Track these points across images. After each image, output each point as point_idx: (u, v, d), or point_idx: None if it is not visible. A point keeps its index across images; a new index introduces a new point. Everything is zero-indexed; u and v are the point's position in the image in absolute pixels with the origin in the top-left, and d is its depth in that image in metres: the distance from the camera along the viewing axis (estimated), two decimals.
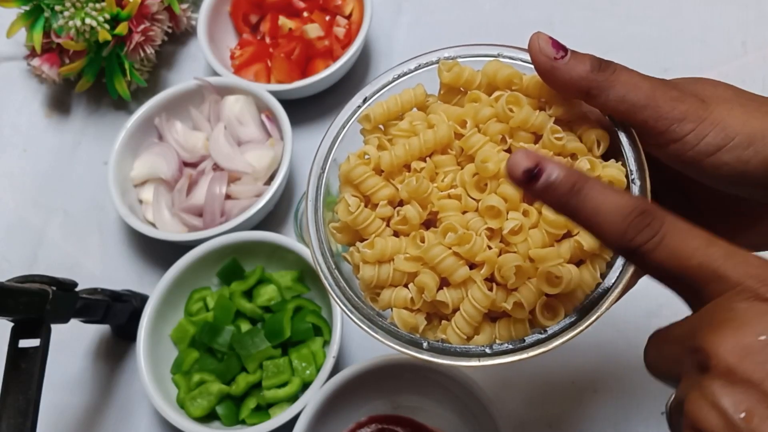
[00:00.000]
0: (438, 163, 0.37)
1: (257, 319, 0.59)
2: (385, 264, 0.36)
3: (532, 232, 0.35)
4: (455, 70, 0.38)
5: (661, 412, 0.53)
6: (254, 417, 0.56)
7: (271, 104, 0.67)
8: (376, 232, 0.37)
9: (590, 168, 0.36)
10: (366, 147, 0.38)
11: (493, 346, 0.35)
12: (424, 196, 0.36)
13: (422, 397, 0.54)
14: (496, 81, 0.38)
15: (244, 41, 0.74)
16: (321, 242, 0.38)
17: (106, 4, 0.68)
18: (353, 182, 0.38)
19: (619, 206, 0.30)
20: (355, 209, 0.36)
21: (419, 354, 0.35)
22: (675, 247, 0.29)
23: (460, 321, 0.35)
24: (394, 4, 0.77)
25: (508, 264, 0.34)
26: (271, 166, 0.65)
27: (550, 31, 0.76)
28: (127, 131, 0.68)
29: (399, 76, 0.41)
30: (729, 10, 0.69)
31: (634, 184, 0.36)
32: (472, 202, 0.36)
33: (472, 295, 0.35)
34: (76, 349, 0.64)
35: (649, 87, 0.35)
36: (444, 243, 0.35)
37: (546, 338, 0.35)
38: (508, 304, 0.35)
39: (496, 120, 0.37)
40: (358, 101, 0.41)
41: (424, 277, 0.35)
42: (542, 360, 0.56)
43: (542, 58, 0.35)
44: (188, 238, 0.62)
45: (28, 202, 0.73)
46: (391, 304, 0.36)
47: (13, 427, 0.47)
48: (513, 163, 0.30)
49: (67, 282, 0.52)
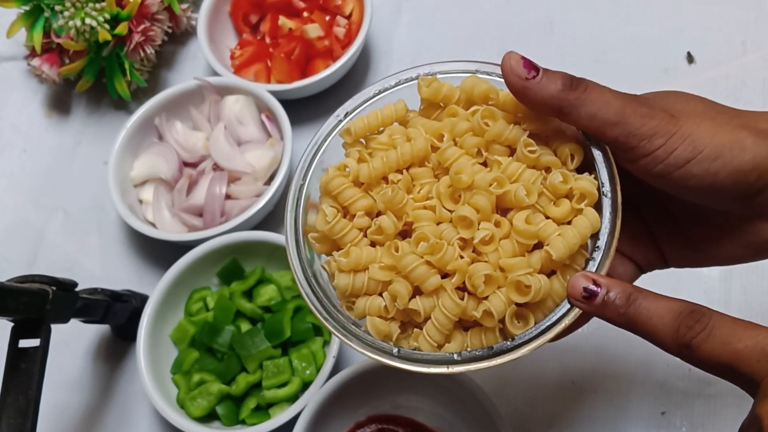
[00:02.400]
0: (415, 176, 0.38)
1: (257, 319, 0.59)
2: (360, 273, 0.37)
3: (503, 243, 0.36)
4: (434, 86, 0.40)
5: (660, 412, 0.54)
6: (254, 417, 0.56)
7: (271, 104, 0.67)
8: (352, 241, 0.38)
9: (563, 180, 0.36)
10: (346, 159, 0.39)
11: (462, 354, 0.36)
12: (399, 207, 0.37)
13: (422, 397, 0.54)
14: (474, 96, 0.39)
15: (244, 41, 0.74)
16: (299, 251, 0.39)
17: (106, 4, 0.68)
18: (331, 193, 0.39)
19: (671, 309, 0.33)
20: (331, 219, 0.37)
21: (390, 361, 0.36)
22: (722, 336, 0.32)
23: (431, 329, 0.36)
24: (394, 4, 0.77)
25: (478, 273, 0.35)
26: (271, 166, 0.65)
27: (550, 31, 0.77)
28: (127, 131, 0.68)
29: (380, 92, 0.42)
30: (729, 10, 0.69)
31: (606, 196, 0.37)
32: (447, 213, 0.37)
33: (443, 304, 0.35)
34: (76, 349, 0.64)
35: (620, 104, 0.35)
36: (416, 252, 0.35)
37: (514, 347, 0.35)
38: (477, 313, 0.35)
39: (472, 134, 0.38)
40: (340, 116, 0.42)
41: (397, 285, 0.36)
42: (542, 360, 0.56)
43: (514, 78, 0.36)
44: (188, 238, 0.62)
45: (28, 202, 0.73)
46: (366, 313, 0.37)
47: (13, 427, 0.47)
48: (572, 285, 0.34)
49: (67, 282, 0.52)
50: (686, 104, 0.37)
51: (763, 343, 0.31)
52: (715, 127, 0.35)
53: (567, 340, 0.57)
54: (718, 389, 0.54)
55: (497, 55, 0.73)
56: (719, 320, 0.32)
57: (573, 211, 0.37)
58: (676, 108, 0.36)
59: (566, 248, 0.35)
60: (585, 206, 0.37)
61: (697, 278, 0.57)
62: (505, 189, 0.36)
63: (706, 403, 0.53)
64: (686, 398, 0.53)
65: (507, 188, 0.36)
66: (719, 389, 0.54)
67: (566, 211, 0.37)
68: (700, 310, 0.33)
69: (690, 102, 0.38)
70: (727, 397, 0.53)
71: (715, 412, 0.53)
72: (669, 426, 0.53)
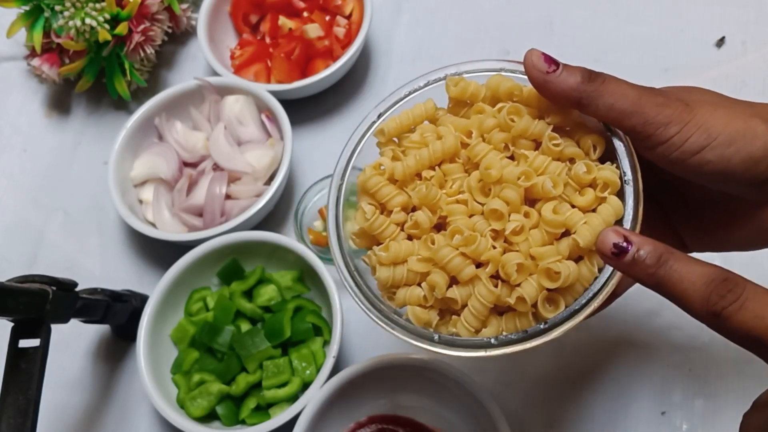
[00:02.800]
0: (446, 171, 0.40)
1: (257, 319, 0.59)
2: (400, 265, 0.39)
3: (533, 232, 0.38)
4: (461, 85, 0.41)
5: (661, 412, 0.54)
6: (254, 417, 0.56)
7: (271, 104, 0.67)
8: (390, 236, 0.40)
9: (587, 171, 0.38)
10: (381, 159, 0.41)
11: (498, 338, 0.38)
12: (433, 202, 0.39)
13: (422, 397, 0.54)
14: (499, 93, 0.41)
15: (244, 41, 0.74)
16: (341, 247, 0.42)
17: (106, 4, 0.68)
18: (369, 191, 0.41)
19: (703, 275, 0.32)
20: (370, 216, 0.40)
21: (432, 347, 0.38)
22: (755, 309, 0.31)
23: (468, 315, 0.38)
24: (394, 4, 0.77)
25: (511, 262, 0.37)
26: (271, 166, 0.65)
27: (550, 31, 0.77)
28: (127, 131, 0.68)
29: (410, 93, 0.44)
30: (729, 10, 0.69)
31: (628, 184, 0.38)
32: (478, 206, 0.39)
33: (479, 292, 0.38)
34: (76, 349, 0.64)
35: (636, 95, 0.37)
36: (452, 244, 0.38)
37: (547, 329, 0.38)
38: (511, 299, 0.37)
39: (499, 130, 0.40)
40: (373, 117, 0.44)
41: (435, 276, 0.38)
42: (542, 361, 0.56)
43: (536, 73, 0.38)
44: (188, 238, 0.62)
45: (28, 202, 0.73)
46: (406, 302, 0.39)
47: (13, 427, 0.47)
48: (602, 240, 0.34)
49: (67, 282, 0.52)
50: (701, 95, 0.39)
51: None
52: (729, 115, 0.37)
53: (567, 340, 0.57)
54: (719, 389, 0.54)
55: (498, 55, 0.74)
56: (753, 292, 0.32)
57: (597, 199, 0.39)
58: (691, 98, 0.38)
59: (592, 235, 0.37)
60: (608, 194, 0.38)
61: None
62: (533, 182, 0.38)
63: (706, 402, 0.53)
64: (686, 398, 0.54)
65: (534, 181, 0.38)
66: (719, 389, 0.54)
67: (591, 199, 0.38)
68: (733, 279, 0.32)
69: (705, 94, 0.39)
70: (728, 396, 0.53)
71: (716, 411, 0.53)
72: (669, 426, 0.53)
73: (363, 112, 0.72)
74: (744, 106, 0.38)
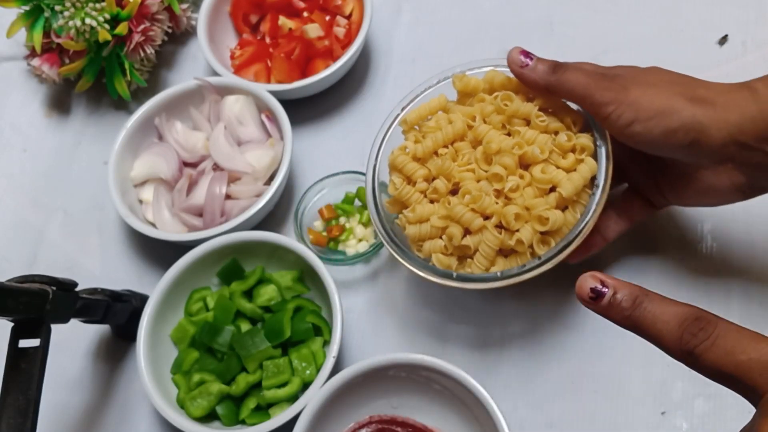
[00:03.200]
0: (457, 148, 0.53)
1: (257, 319, 0.59)
2: (425, 223, 0.51)
3: (527, 190, 0.50)
4: (464, 81, 0.54)
5: (660, 412, 0.54)
6: (254, 417, 0.56)
7: (271, 104, 0.67)
8: (416, 201, 0.52)
9: (567, 139, 0.50)
10: (406, 142, 0.54)
11: (503, 272, 0.49)
12: (448, 172, 0.51)
13: (422, 396, 0.54)
14: (494, 85, 0.54)
15: (244, 41, 0.74)
16: (379, 213, 0.54)
17: (106, 4, 0.68)
18: (397, 168, 0.53)
19: (676, 314, 0.34)
20: (399, 186, 0.52)
21: (452, 283, 0.50)
22: (726, 346, 0.32)
23: (479, 257, 0.50)
24: (394, 4, 0.77)
25: (510, 213, 0.48)
26: (271, 166, 0.65)
27: (550, 31, 0.78)
28: (127, 131, 0.68)
29: (426, 89, 0.57)
30: (729, 10, 0.69)
31: (600, 147, 0.50)
32: (483, 172, 0.51)
33: (487, 238, 0.49)
34: (76, 349, 0.64)
35: (587, 81, 0.48)
36: (464, 203, 0.50)
37: (541, 263, 0.49)
38: (512, 242, 0.49)
39: (496, 113, 0.52)
40: (398, 110, 0.57)
41: (452, 229, 0.50)
42: (542, 360, 0.56)
43: (514, 67, 0.50)
44: (188, 238, 0.62)
45: (28, 202, 0.73)
46: (431, 251, 0.51)
47: (13, 427, 0.47)
48: (580, 285, 0.36)
49: (67, 282, 0.52)
50: (647, 76, 0.48)
51: (766, 358, 0.31)
52: (655, 94, 0.46)
53: (567, 340, 0.57)
54: (719, 389, 0.53)
55: (497, 54, 0.74)
56: (724, 329, 0.33)
57: (577, 161, 0.50)
58: (637, 80, 0.47)
59: (573, 188, 0.49)
60: (585, 156, 0.50)
61: (695, 278, 0.57)
62: (524, 150, 0.50)
63: (706, 402, 0.53)
64: (686, 398, 0.54)
65: (525, 149, 0.50)
66: (719, 389, 0.53)
67: (571, 161, 0.50)
68: (705, 318, 0.33)
69: (651, 74, 0.48)
70: (728, 397, 0.53)
71: (716, 411, 0.53)
72: (669, 426, 0.53)
73: (363, 112, 0.72)
74: (674, 84, 0.47)
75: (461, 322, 0.60)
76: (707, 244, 0.58)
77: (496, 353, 0.58)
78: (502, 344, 0.58)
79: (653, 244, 0.59)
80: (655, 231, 0.59)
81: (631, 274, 0.58)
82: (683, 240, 0.59)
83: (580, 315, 0.58)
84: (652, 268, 0.58)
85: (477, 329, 0.59)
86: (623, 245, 0.58)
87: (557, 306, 0.59)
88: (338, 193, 0.65)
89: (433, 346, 0.59)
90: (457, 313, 0.60)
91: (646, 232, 0.59)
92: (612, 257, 0.59)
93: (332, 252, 0.63)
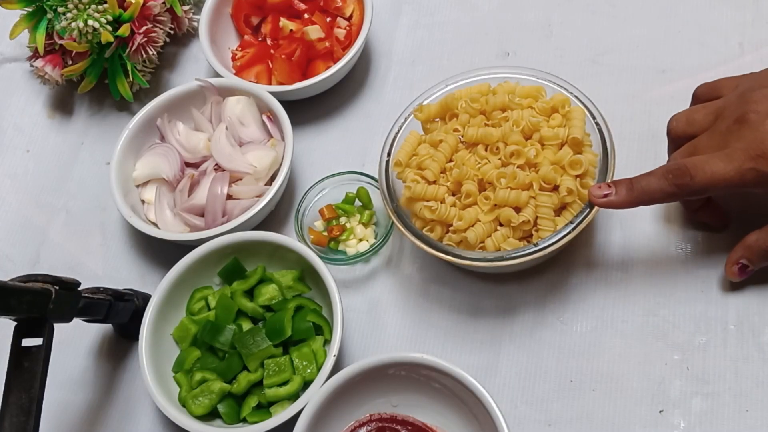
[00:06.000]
0: (459, 158, 0.56)
1: (258, 318, 0.60)
2: (476, 225, 0.55)
3: (545, 151, 0.55)
4: (425, 111, 0.60)
5: (658, 410, 0.54)
6: (255, 415, 0.56)
7: (272, 105, 0.67)
8: (456, 215, 0.55)
9: (545, 103, 0.57)
10: (407, 185, 0.57)
11: (510, 252, 0.53)
12: (471, 174, 0.55)
13: (422, 395, 0.54)
14: (449, 105, 0.59)
15: (245, 42, 0.75)
16: (390, 195, 0.58)
17: (109, 6, 0.69)
18: (419, 198, 0.56)
19: (657, 174, 0.51)
20: (435, 208, 0.55)
21: (522, 257, 0.53)
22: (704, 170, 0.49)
23: (543, 222, 0.54)
24: (394, 6, 0.78)
25: (548, 171, 0.53)
26: (272, 167, 0.66)
27: (549, 32, 0.77)
28: (130, 132, 0.68)
29: (402, 125, 0.61)
30: (726, 11, 0.69)
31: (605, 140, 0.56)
32: (497, 161, 0.56)
33: (541, 201, 0.54)
34: (78, 348, 0.64)
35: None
36: (502, 186, 0.54)
37: (538, 250, 0.53)
38: (564, 192, 0.54)
39: (471, 117, 0.58)
40: (385, 157, 0.60)
41: (505, 212, 0.54)
42: (541, 359, 0.57)
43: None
44: (190, 237, 0.62)
45: (31, 202, 0.73)
46: (494, 246, 0.55)
47: (16, 425, 0.48)
48: (592, 192, 0.52)
49: (69, 281, 0.53)
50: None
51: None
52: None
53: (566, 339, 0.57)
54: (716, 388, 0.54)
55: (495, 56, 0.74)
56: (691, 162, 0.50)
57: (564, 116, 0.57)
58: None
59: (580, 126, 0.56)
60: (569, 108, 0.57)
61: (694, 278, 0.57)
62: (522, 125, 0.56)
63: (703, 401, 0.54)
64: (684, 396, 0.54)
65: (522, 124, 0.56)
66: (717, 388, 0.54)
67: (559, 120, 0.56)
68: (676, 164, 0.50)
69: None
70: (725, 395, 0.54)
71: (713, 410, 0.53)
72: (667, 424, 0.53)
73: (363, 112, 0.72)
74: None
75: (460, 321, 0.60)
76: None
77: (495, 352, 0.58)
78: (501, 343, 0.59)
79: None
80: None
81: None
82: None
83: (580, 314, 0.58)
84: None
85: (476, 328, 0.59)
86: None
87: (556, 305, 0.59)
88: (339, 193, 0.65)
89: (433, 344, 0.60)
90: (456, 312, 0.60)
91: None
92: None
93: (333, 252, 0.64)
